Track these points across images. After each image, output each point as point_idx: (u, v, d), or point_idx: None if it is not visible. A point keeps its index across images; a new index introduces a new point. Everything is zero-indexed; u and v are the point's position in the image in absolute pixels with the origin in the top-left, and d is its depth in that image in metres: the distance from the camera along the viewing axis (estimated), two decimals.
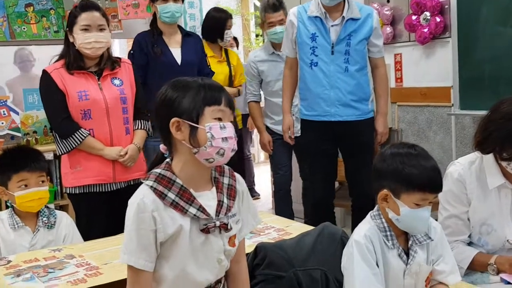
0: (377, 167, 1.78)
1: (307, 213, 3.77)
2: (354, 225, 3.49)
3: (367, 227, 1.78)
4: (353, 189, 3.61)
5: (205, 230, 1.50)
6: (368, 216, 1.83)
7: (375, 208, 1.82)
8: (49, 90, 2.80)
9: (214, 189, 1.56)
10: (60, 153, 2.87)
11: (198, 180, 1.53)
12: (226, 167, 1.62)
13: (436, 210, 2.30)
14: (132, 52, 3.63)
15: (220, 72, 4.28)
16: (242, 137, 5.40)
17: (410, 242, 1.80)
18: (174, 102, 1.48)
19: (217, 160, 1.49)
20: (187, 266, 1.50)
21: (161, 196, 1.47)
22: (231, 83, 4.40)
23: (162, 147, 1.58)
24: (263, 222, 2.51)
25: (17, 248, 2.31)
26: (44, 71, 2.82)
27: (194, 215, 1.48)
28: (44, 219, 2.40)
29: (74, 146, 2.79)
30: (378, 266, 1.74)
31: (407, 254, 1.78)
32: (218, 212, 1.53)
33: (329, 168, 3.57)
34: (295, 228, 2.43)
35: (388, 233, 1.77)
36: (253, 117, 4.30)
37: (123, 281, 1.57)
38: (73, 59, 2.80)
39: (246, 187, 1.66)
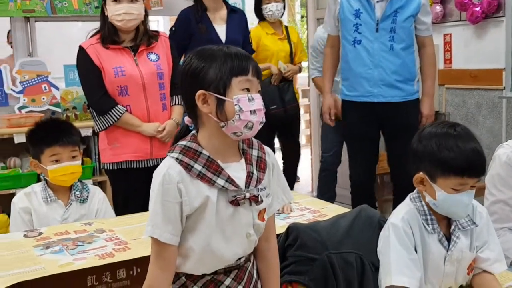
0: (413, 147, 1.67)
1: None
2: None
3: (406, 209, 1.67)
4: (395, 174, 3.49)
5: (234, 202, 1.43)
6: (407, 199, 1.72)
7: (415, 190, 1.70)
8: (85, 67, 2.77)
9: (243, 160, 1.48)
10: (98, 130, 2.86)
11: (225, 152, 1.46)
12: (255, 140, 1.55)
13: (482, 195, 2.17)
14: (173, 28, 3.55)
15: (281, 50, 4.22)
16: None
17: (452, 227, 1.69)
18: (200, 73, 1.41)
19: (244, 134, 1.42)
20: (214, 240, 1.43)
21: (187, 167, 1.40)
22: (291, 61, 4.31)
23: (187, 119, 1.52)
24: (297, 203, 2.43)
25: (49, 221, 2.31)
26: (80, 47, 2.79)
27: (222, 186, 1.41)
28: (77, 193, 2.39)
29: (111, 123, 2.76)
30: (416, 252, 1.64)
31: (449, 240, 1.67)
32: (247, 183, 1.45)
33: (370, 151, 3.46)
34: (331, 210, 2.34)
35: (429, 217, 1.66)
36: (321, 89, 4.01)
37: (149, 257, 1.52)
38: (107, 33, 2.76)
39: (276, 161, 1.58)
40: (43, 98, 4.10)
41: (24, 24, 4.17)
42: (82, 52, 2.77)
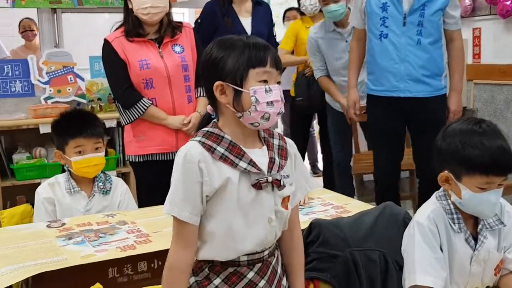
0: (437, 145, 1.62)
1: None
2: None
3: (432, 208, 1.64)
4: (421, 171, 3.43)
5: (257, 186, 1.41)
6: (433, 197, 1.68)
7: (441, 188, 1.66)
8: (111, 60, 2.76)
9: (264, 147, 1.48)
10: (124, 123, 2.85)
11: (246, 139, 1.46)
12: (275, 131, 1.55)
13: (511, 194, 2.11)
14: (199, 21, 3.53)
15: None
16: None
17: (479, 227, 1.65)
18: (219, 63, 1.41)
19: (262, 124, 1.42)
20: (235, 223, 1.41)
21: (210, 149, 1.40)
22: None
23: (209, 108, 1.52)
24: (320, 199, 2.41)
25: (72, 212, 2.32)
26: (105, 40, 2.78)
27: (245, 169, 1.41)
28: (100, 184, 2.39)
29: (137, 116, 2.76)
30: (442, 251, 1.60)
31: (476, 239, 1.63)
32: (270, 168, 1.44)
33: (395, 147, 3.39)
34: (355, 206, 2.31)
35: (455, 215, 1.62)
36: (328, 91, 4.03)
37: None
38: (132, 26, 2.75)
39: (297, 151, 1.57)
40: (69, 89, 4.13)
41: (51, 15, 4.20)
42: (107, 45, 2.77)
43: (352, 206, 2.30)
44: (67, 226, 2.11)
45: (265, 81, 1.40)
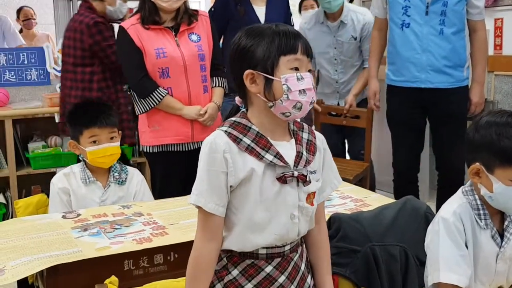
0: (469, 137, 1.57)
1: None
2: (439, 202, 3.32)
3: (458, 203, 1.58)
4: (441, 163, 3.37)
5: (282, 179, 1.38)
6: (459, 191, 1.63)
7: (468, 183, 1.61)
8: (126, 48, 2.71)
9: (293, 140, 1.44)
10: (139, 113, 2.80)
11: (275, 130, 1.43)
12: (305, 124, 1.51)
13: None
14: (213, 9, 3.48)
15: None
16: None
17: (506, 223, 1.60)
18: (248, 51, 1.38)
19: (293, 114, 1.38)
20: (256, 215, 1.38)
21: (236, 140, 1.38)
22: None
23: (237, 99, 1.50)
24: (339, 191, 2.36)
25: (88, 203, 2.29)
26: (121, 27, 2.73)
27: (271, 161, 1.38)
28: (116, 174, 2.36)
29: (153, 105, 2.72)
30: (467, 248, 1.55)
31: (502, 236, 1.58)
32: (296, 163, 1.41)
33: (414, 139, 3.35)
34: (374, 199, 2.26)
35: (482, 211, 1.57)
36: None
37: (188, 243, 1.48)
38: (148, 13, 2.69)
39: (327, 146, 1.53)
40: None
41: (66, 2, 4.18)
42: (123, 33, 2.72)
43: (372, 200, 2.25)
44: (82, 217, 2.08)
45: (296, 69, 1.37)
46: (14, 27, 4.95)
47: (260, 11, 3.46)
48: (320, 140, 1.50)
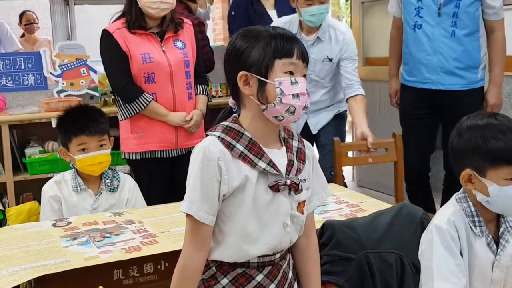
0: (454, 145, 1.55)
1: None
2: (444, 201, 3.29)
3: (451, 210, 1.55)
4: (448, 163, 3.33)
5: (275, 188, 1.36)
6: (452, 199, 1.59)
7: (461, 190, 1.58)
8: (112, 52, 2.69)
9: (284, 148, 1.42)
10: (122, 118, 2.77)
11: (267, 137, 1.41)
12: (295, 132, 1.49)
13: None
14: (233, 13, 3.50)
15: None
16: None
17: (501, 230, 1.56)
18: (243, 53, 1.36)
19: (286, 118, 1.36)
20: (249, 224, 1.36)
21: (229, 146, 1.35)
22: None
23: (231, 101, 1.48)
24: (335, 196, 2.32)
25: (79, 211, 2.26)
26: (106, 31, 2.70)
27: (264, 169, 1.35)
28: (107, 181, 2.33)
29: (138, 111, 2.69)
30: (462, 256, 1.51)
31: (497, 244, 1.54)
32: (288, 171, 1.39)
33: (424, 139, 3.34)
34: (371, 204, 2.22)
35: (476, 218, 1.53)
36: None
37: (178, 252, 1.44)
38: (134, 18, 2.67)
39: (315, 154, 1.52)
40: (82, 82, 4.08)
41: (63, 7, 4.16)
42: (108, 36, 2.68)
43: (368, 205, 2.21)
44: (72, 225, 2.05)
45: (291, 73, 1.35)
46: (10, 32, 4.93)
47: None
48: (309, 148, 1.49)
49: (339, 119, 3.26)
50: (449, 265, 1.49)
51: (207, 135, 1.40)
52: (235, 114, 1.43)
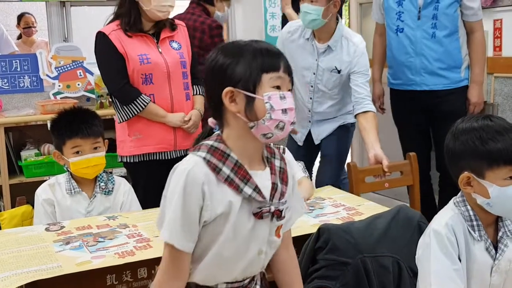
0: (450, 148, 1.53)
1: None
2: (440, 203, 3.33)
3: (450, 215, 1.52)
4: (441, 163, 3.34)
5: (258, 215, 1.31)
6: (450, 203, 1.57)
7: (459, 193, 1.55)
8: (108, 54, 2.65)
9: (267, 169, 1.37)
10: (120, 121, 2.73)
11: (251, 156, 1.35)
12: (275, 149, 1.44)
13: None
14: None
15: None
16: None
17: (500, 234, 1.53)
18: (227, 69, 1.30)
19: (275, 135, 1.31)
20: (225, 251, 1.32)
21: (215, 169, 1.29)
22: None
23: (211, 121, 1.41)
24: (331, 199, 2.30)
25: (73, 214, 2.22)
26: (102, 33, 2.67)
27: (249, 195, 1.30)
28: (102, 184, 2.30)
29: (136, 113, 2.66)
30: (460, 261, 1.49)
31: (495, 248, 1.52)
32: (272, 196, 1.34)
33: (419, 140, 3.38)
34: (368, 208, 2.19)
35: (475, 222, 1.51)
36: None
37: None
38: (133, 21, 2.65)
39: (295, 171, 1.48)
40: (78, 84, 4.06)
41: (59, 9, 4.13)
42: (104, 38, 2.65)
43: (365, 208, 2.18)
44: (66, 229, 2.02)
45: (278, 88, 1.30)
46: (6, 34, 4.90)
47: None
48: (290, 165, 1.44)
49: (344, 130, 3.14)
50: (447, 270, 1.46)
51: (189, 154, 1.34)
52: (218, 132, 1.38)
